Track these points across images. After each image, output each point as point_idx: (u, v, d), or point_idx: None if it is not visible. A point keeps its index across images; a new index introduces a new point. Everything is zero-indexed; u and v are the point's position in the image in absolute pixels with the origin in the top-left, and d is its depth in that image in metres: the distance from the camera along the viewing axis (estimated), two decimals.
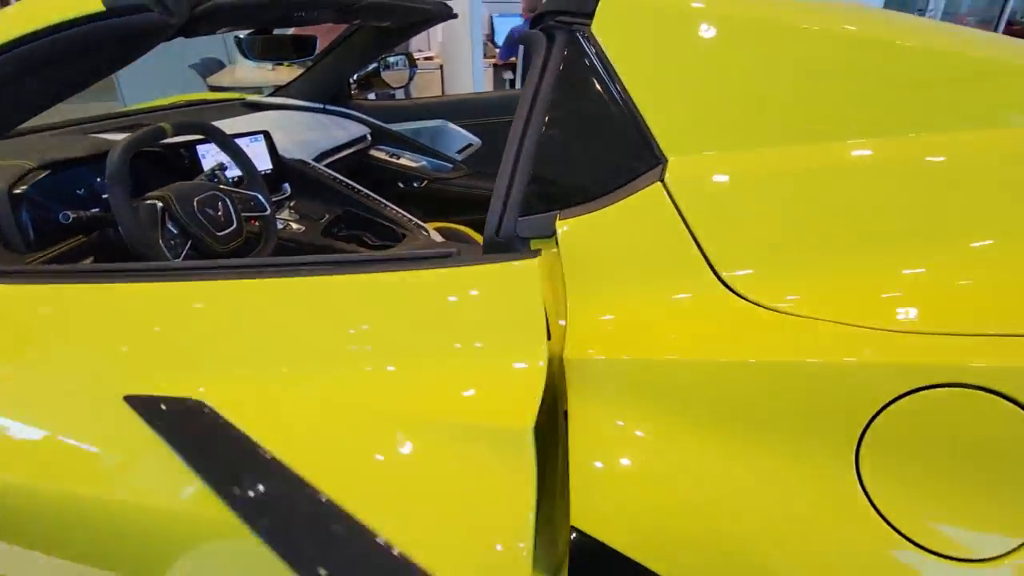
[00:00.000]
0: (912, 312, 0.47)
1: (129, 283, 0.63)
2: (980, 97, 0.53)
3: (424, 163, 2.05)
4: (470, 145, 2.03)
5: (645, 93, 0.58)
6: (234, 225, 1.14)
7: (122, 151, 0.95)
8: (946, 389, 0.40)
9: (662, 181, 0.55)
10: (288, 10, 1.14)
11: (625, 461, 0.47)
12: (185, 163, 1.36)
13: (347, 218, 1.55)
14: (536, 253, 0.56)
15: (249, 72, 3.26)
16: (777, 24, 0.58)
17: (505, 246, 0.61)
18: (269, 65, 2.91)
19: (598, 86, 0.60)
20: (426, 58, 4.75)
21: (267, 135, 1.50)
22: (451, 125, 2.02)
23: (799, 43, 0.57)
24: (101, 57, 0.77)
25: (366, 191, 1.57)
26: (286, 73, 2.69)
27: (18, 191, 1.02)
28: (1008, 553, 0.39)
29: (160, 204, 1.04)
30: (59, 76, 0.77)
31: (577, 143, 0.62)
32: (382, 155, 2.04)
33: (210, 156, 1.39)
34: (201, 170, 1.38)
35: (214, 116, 1.64)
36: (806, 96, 0.56)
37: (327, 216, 1.51)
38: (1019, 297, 0.45)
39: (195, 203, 1.07)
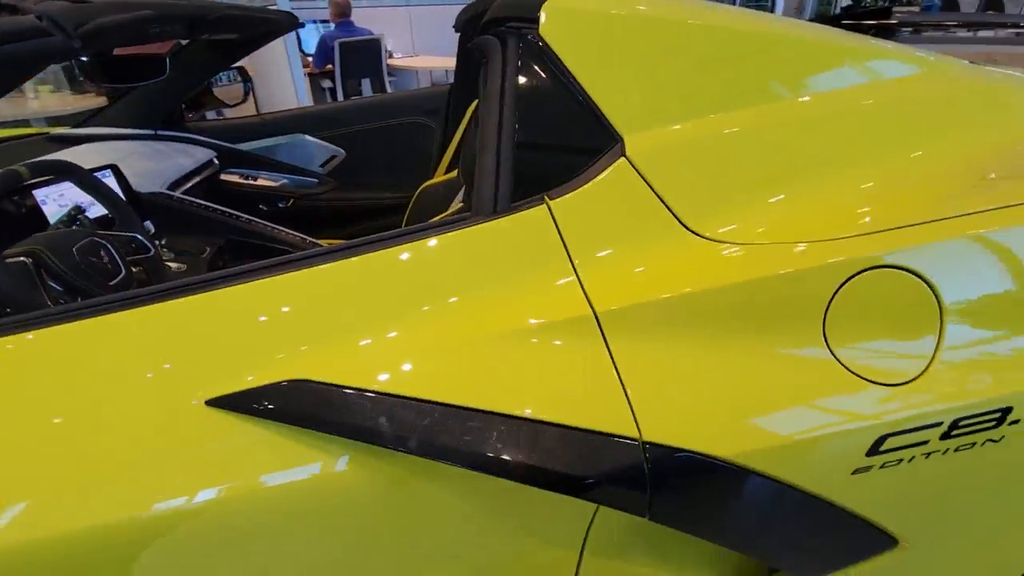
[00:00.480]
0: (822, 225, 0.64)
1: (167, 301, 0.59)
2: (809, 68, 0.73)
3: (285, 181, 1.94)
4: (334, 157, 1.97)
5: (593, 83, 0.68)
6: (122, 272, 1.02)
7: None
8: (868, 272, 0.58)
9: (625, 156, 0.66)
10: (143, 26, 1.04)
11: (664, 377, 0.58)
12: (23, 211, 1.15)
13: (231, 247, 1.43)
14: (541, 200, 0.65)
15: (49, 99, 2.69)
16: (668, 19, 0.72)
17: None
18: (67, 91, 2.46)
19: (553, 81, 0.69)
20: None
21: (115, 168, 1.32)
22: (309, 138, 1.94)
23: (685, 35, 0.72)
24: None
25: (246, 215, 1.47)
26: (91, 100, 2.30)
27: None
28: (922, 373, 0.58)
29: (30, 260, 0.89)
30: None
31: (546, 132, 0.70)
32: (235, 178, 1.89)
33: (52, 200, 1.19)
34: (43, 217, 1.18)
35: (18, 156, 1.39)
36: (697, 76, 0.71)
37: (208, 250, 1.38)
38: (878, 207, 0.65)
39: (75, 253, 0.94)
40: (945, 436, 0.58)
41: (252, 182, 1.89)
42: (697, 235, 0.64)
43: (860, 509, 0.60)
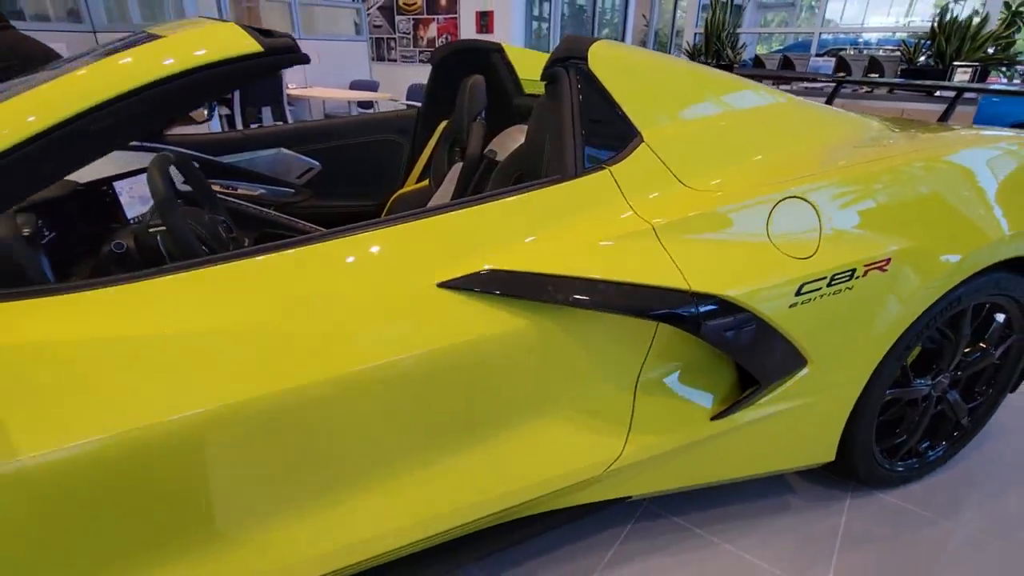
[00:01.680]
0: (761, 177, 1.13)
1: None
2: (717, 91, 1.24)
3: (263, 191, 2.12)
4: (311, 169, 2.19)
5: (620, 97, 1.12)
6: (228, 243, 1.23)
7: (163, 184, 1.01)
8: (786, 200, 1.08)
9: (644, 142, 1.10)
10: None
11: (694, 257, 1.01)
12: (107, 200, 1.29)
13: (268, 238, 1.63)
14: (603, 167, 1.05)
15: None
16: (664, 63, 1.19)
17: None
18: None
19: (598, 96, 1.11)
20: None
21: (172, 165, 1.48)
22: (287, 152, 2.14)
23: (667, 71, 1.20)
24: (226, 88, 0.88)
25: (275, 212, 1.67)
26: None
27: (26, 233, 0.96)
28: (815, 252, 1.08)
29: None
30: (189, 104, 0.85)
31: (598, 126, 1.11)
32: (216, 188, 2.03)
33: (126, 192, 1.33)
34: (120, 207, 1.32)
35: None
36: (677, 96, 1.18)
37: (247, 240, 1.57)
38: (780, 171, 1.16)
39: (209, 224, 1.15)
40: (828, 285, 1.08)
41: (234, 191, 2.05)
42: (686, 186, 1.10)
43: (792, 333, 1.08)
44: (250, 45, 0.87)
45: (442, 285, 0.89)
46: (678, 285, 0.97)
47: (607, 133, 1.11)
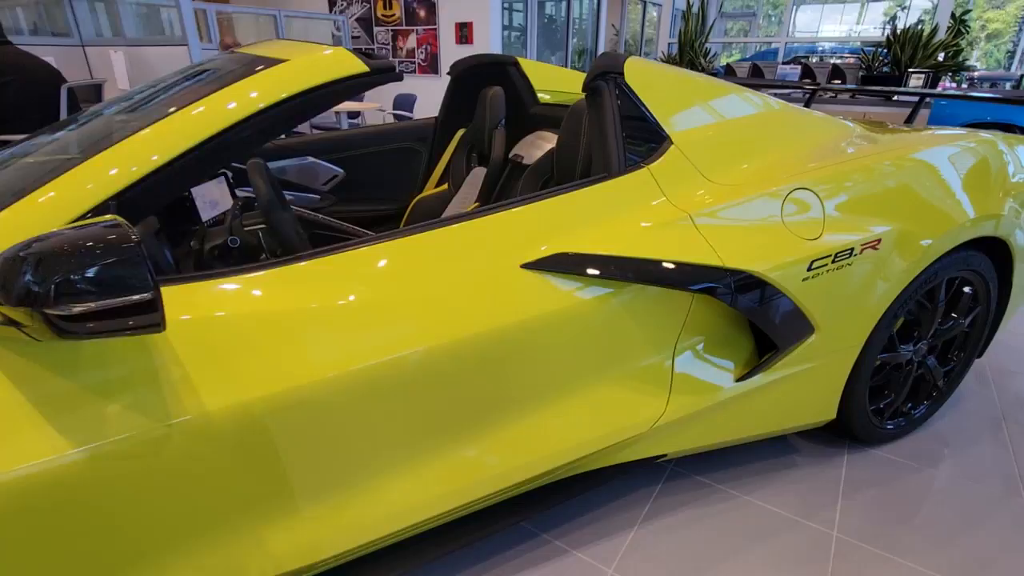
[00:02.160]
0: (772, 172, 1.32)
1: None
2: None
3: (291, 197, 2.25)
4: (335, 176, 2.32)
5: (651, 106, 1.30)
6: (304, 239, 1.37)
7: (267, 186, 1.15)
8: (795, 191, 1.27)
9: (674, 145, 1.29)
10: None
11: (725, 239, 1.20)
12: (187, 203, 1.41)
13: (317, 238, 1.76)
14: (642, 166, 1.23)
15: None
16: (685, 77, 1.38)
17: None
18: None
19: (633, 105, 1.29)
20: None
21: (226, 175, 1.60)
22: (314, 160, 2.27)
23: (689, 85, 1.38)
24: (334, 102, 1.02)
25: (324, 216, 1.81)
26: None
27: (155, 231, 1.08)
28: (821, 235, 1.28)
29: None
30: (305, 116, 0.99)
31: (636, 131, 1.29)
32: (246, 195, 2.15)
33: (199, 196, 1.45)
34: (193, 207, 1.44)
35: None
36: (698, 103, 1.37)
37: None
38: (786, 168, 1.35)
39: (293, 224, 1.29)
40: (833, 261, 1.28)
41: None
42: (710, 181, 1.28)
43: (804, 303, 1.28)
44: (359, 66, 1.02)
45: (524, 266, 1.05)
46: (715, 263, 1.16)
47: (643, 137, 1.29)
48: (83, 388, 0.76)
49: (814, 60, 6.30)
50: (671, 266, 1.12)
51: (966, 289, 1.65)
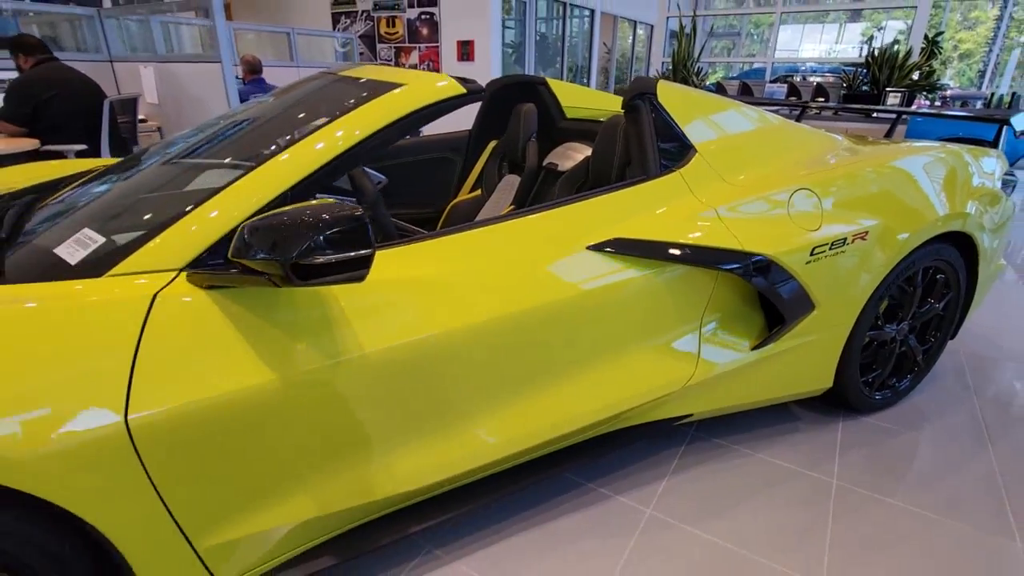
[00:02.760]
0: (778, 176, 1.60)
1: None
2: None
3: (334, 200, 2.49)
4: (380, 183, 2.56)
5: (679, 121, 1.57)
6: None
7: (372, 186, 1.39)
8: (798, 191, 1.55)
9: (699, 154, 1.56)
10: None
11: (743, 228, 1.46)
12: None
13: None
14: (674, 170, 1.50)
15: None
16: (704, 97, 1.67)
17: None
18: None
19: (664, 120, 1.56)
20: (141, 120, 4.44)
21: None
22: (363, 167, 2.51)
23: (710, 105, 1.66)
24: (433, 119, 1.27)
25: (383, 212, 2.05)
26: None
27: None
28: (820, 226, 1.56)
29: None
30: (412, 130, 1.23)
31: (666, 142, 1.56)
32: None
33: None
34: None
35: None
36: (716, 118, 1.65)
37: None
38: (787, 173, 1.63)
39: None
40: (830, 248, 1.55)
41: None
42: (728, 183, 1.56)
43: (807, 283, 1.55)
44: (458, 89, 1.28)
45: (589, 248, 1.31)
46: (737, 247, 1.42)
47: (672, 147, 1.56)
48: (284, 328, 1.00)
49: (798, 79, 6.70)
50: (704, 249, 1.39)
51: (939, 277, 1.93)
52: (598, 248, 1.32)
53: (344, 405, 1.08)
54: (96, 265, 0.97)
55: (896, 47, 5.32)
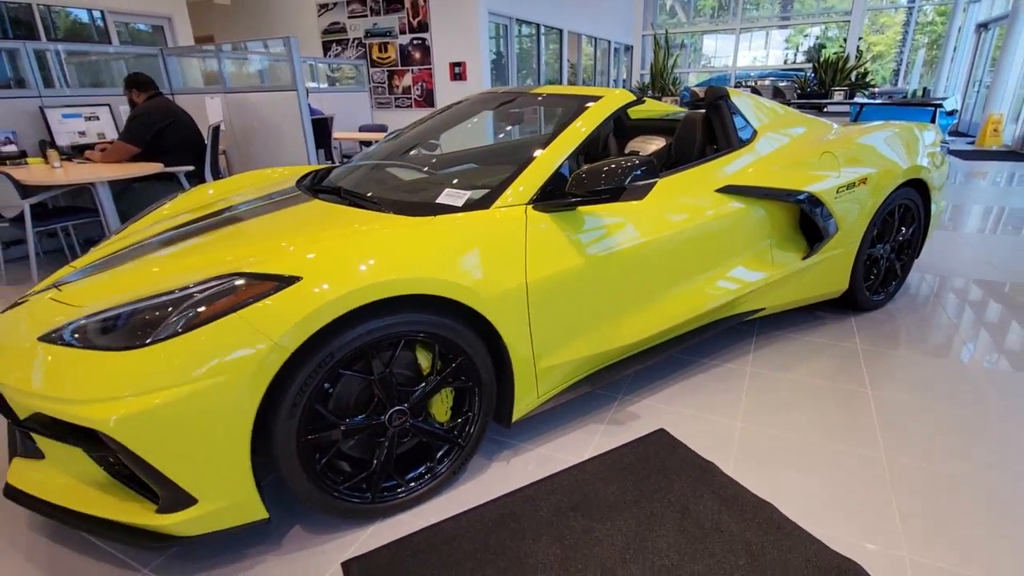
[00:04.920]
0: (808, 144, 2.45)
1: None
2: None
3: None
4: None
5: (746, 113, 2.40)
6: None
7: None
8: (824, 153, 2.40)
9: (759, 134, 2.39)
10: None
11: (779, 178, 2.30)
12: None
13: None
14: (745, 144, 2.33)
15: None
16: (754, 97, 2.50)
17: None
18: None
19: (736, 113, 2.38)
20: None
21: None
22: (475, 166, 3.23)
23: (758, 101, 2.50)
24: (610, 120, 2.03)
25: None
26: None
27: None
28: (833, 186, 2.42)
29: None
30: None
31: (739, 126, 2.37)
32: None
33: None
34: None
35: None
36: (763, 111, 2.49)
37: None
38: (814, 140, 2.48)
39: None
40: (848, 189, 2.40)
41: None
42: (779, 150, 2.40)
43: (835, 212, 2.39)
44: (631, 96, 2.05)
45: (717, 191, 2.10)
46: (796, 188, 2.25)
47: (743, 129, 2.38)
48: (580, 235, 1.74)
49: (751, 84, 7.81)
50: (778, 190, 2.20)
51: (908, 211, 2.83)
52: (721, 191, 2.12)
53: (609, 280, 1.82)
54: (481, 204, 1.69)
55: (835, 54, 6.44)
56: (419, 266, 1.44)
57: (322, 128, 5.79)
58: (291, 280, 1.30)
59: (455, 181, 2.02)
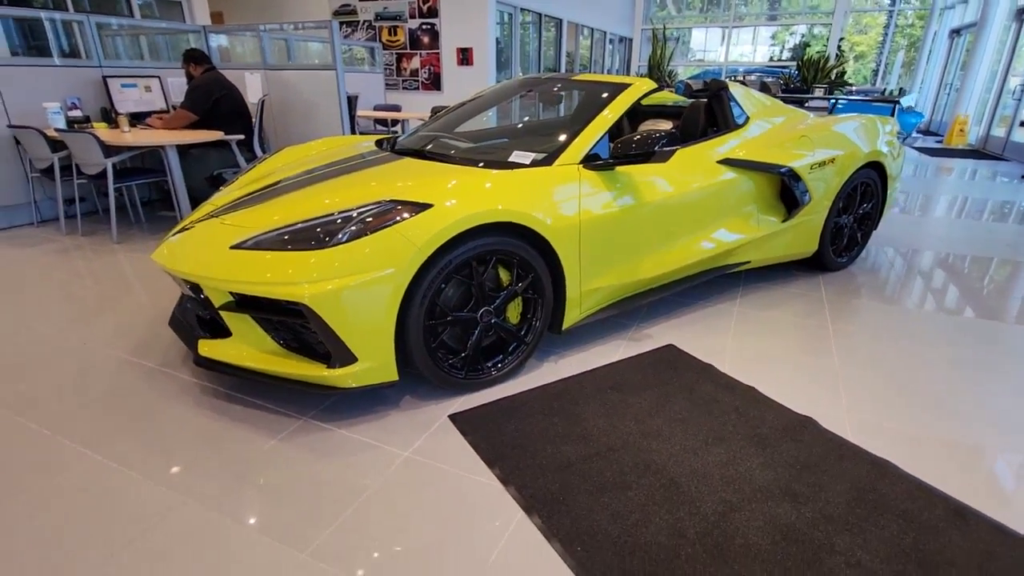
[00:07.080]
0: (788, 128, 3.02)
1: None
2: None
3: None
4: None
5: (741, 102, 2.96)
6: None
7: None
8: (801, 136, 2.98)
9: (751, 119, 2.96)
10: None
11: (780, 154, 2.87)
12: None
13: None
14: (743, 126, 2.90)
15: None
16: (748, 89, 3.07)
17: None
18: None
19: (733, 102, 2.94)
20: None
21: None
22: (505, 139, 3.75)
23: (750, 92, 3.07)
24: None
25: None
26: None
27: None
28: (809, 166, 3.00)
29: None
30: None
31: (735, 112, 2.93)
32: None
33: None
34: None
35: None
36: (754, 101, 3.05)
37: None
38: (794, 126, 3.06)
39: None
40: (819, 167, 2.99)
41: None
42: (767, 133, 2.98)
43: (810, 184, 2.97)
44: (653, 84, 2.60)
45: (718, 162, 2.67)
46: (779, 163, 2.82)
47: (739, 115, 2.94)
48: (617, 188, 2.29)
49: (740, 79, 8.41)
50: (764, 163, 2.78)
51: (868, 188, 3.43)
52: (720, 162, 2.69)
53: (636, 225, 2.38)
54: (544, 163, 2.23)
55: (817, 53, 7.06)
56: (511, 202, 1.98)
57: (349, 106, 6.23)
58: (426, 206, 1.83)
59: (522, 144, 2.57)
